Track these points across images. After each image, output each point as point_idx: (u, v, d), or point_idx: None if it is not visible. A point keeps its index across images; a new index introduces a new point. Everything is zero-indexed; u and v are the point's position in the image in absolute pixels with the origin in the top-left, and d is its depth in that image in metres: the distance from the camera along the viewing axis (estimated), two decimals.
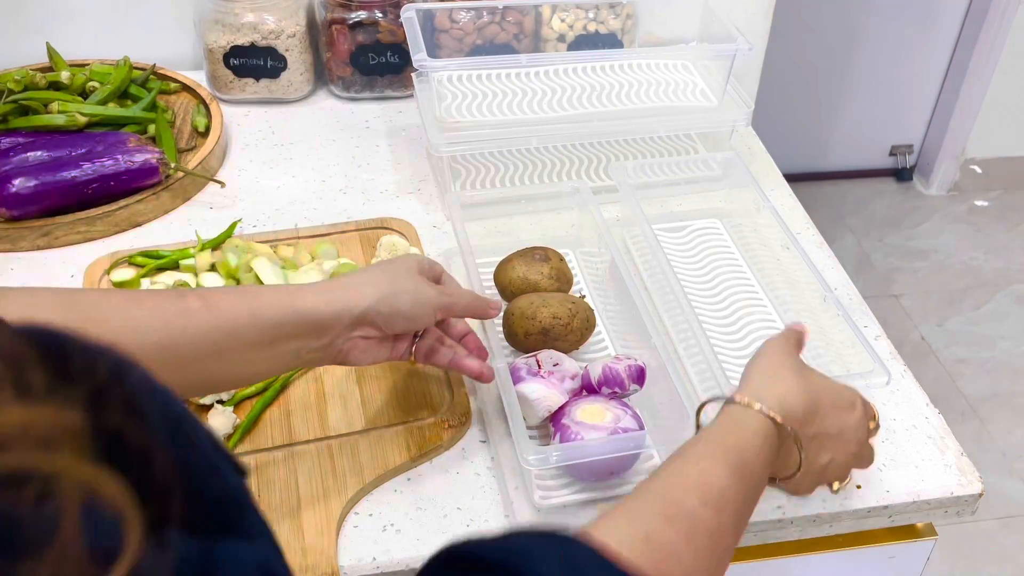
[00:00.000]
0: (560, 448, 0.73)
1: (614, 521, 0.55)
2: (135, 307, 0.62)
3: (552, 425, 0.78)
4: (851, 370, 0.84)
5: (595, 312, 0.89)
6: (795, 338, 0.74)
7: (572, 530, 0.49)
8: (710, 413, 0.69)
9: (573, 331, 0.85)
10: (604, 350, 0.91)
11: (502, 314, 0.86)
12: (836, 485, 0.76)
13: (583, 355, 0.89)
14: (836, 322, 0.88)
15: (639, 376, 0.80)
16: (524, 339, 0.84)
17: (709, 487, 0.58)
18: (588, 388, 0.80)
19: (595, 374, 0.79)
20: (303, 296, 0.68)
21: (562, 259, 0.92)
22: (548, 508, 0.76)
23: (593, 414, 0.76)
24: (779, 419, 0.64)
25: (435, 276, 0.77)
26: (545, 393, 0.78)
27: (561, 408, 0.78)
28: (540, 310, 0.84)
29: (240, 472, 0.39)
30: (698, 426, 0.72)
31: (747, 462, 0.61)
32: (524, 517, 0.76)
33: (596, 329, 0.89)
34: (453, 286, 0.78)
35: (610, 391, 0.79)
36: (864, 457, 0.75)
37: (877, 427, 0.74)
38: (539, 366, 0.80)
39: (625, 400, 0.80)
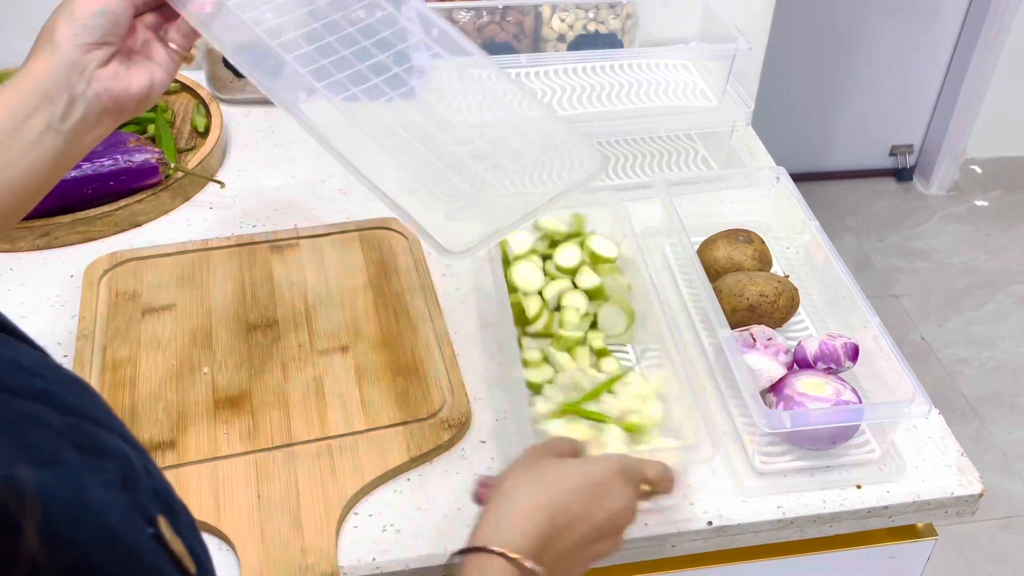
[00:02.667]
0: (792, 414, 0.76)
1: None
2: None
3: (773, 395, 0.82)
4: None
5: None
6: (551, 448, 0.67)
7: None
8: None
9: (779, 308, 0.89)
10: (804, 330, 0.94)
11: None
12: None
13: (784, 333, 0.93)
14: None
15: (854, 354, 0.84)
16: (731, 315, 0.88)
17: None
18: (801, 363, 0.85)
19: (811, 350, 0.84)
20: (20, 77, 0.64)
21: (763, 241, 0.96)
22: (769, 472, 0.80)
23: (815, 387, 0.80)
24: (524, 562, 0.58)
25: None
26: (767, 364, 0.83)
27: (781, 380, 0.82)
28: (748, 287, 0.89)
29: (183, 573, 0.37)
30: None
31: None
32: None
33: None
34: None
35: (825, 366, 0.83)
36: (655, 491, 0.67)
37: (656, 487, 0.67)
38: (754, 340, 0.85)
39: (841, 376, 0.83)
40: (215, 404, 0.83)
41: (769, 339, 0.85)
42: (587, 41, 1.23)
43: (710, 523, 0.77)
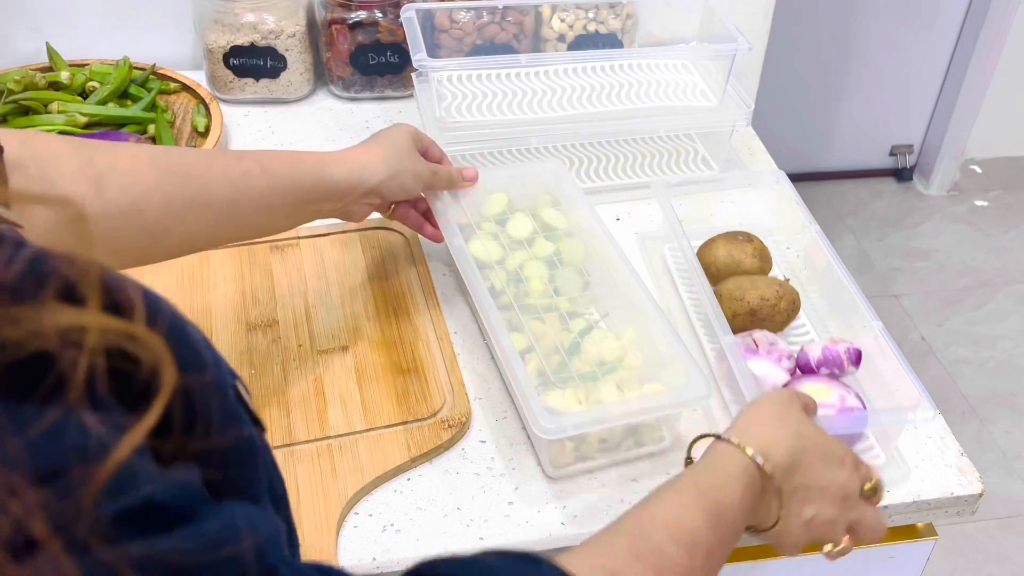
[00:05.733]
0: None
1: (583, 552, 0.54)
2: (210, 166, 0.73)
3: None
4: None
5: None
6: (800, 399, 0.70)
7: (540, 555, 0.49)
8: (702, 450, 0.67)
9: (780, 312, 0.88)
10: (806, 334, 0.94)
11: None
12: (828, 547, 0.69)
13: (785, 338, 0.92)
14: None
15: (857, 358, 0.84)
16: (732, 319, 0.87)
17: (681, 528, 0.57)
18: (804, 368, 0.84)
19: (814, 355, 0.83)
20: (331, 167, 0.80)
21: (762, 242, 0.96)
22: None
23: (818, 392, 0.79)
24: (762, 464, 0.62)
25: (424, 148, 0.89)
26: (771, 371, 0.82)
27: (784, 386, 0.81)
28: (749, 291, 0.88)
29: (258, 425, 0.41)
30: (689, 459, 0.69)
31: (723, 506, 0.60)
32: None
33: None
34: (437, 152, 0.91)
35: (828, 372, 0.83)
36: (865, 524, 0.69)
37: (875, 492, 0.69)
38: (756, 345, 0.84)
39: (844, 381, 0.82)
40: None
41: (772, 344, 0.85)
42: (587, 41, 1.23)
43: None
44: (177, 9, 1.27)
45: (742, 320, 0.88)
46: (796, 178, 1.04)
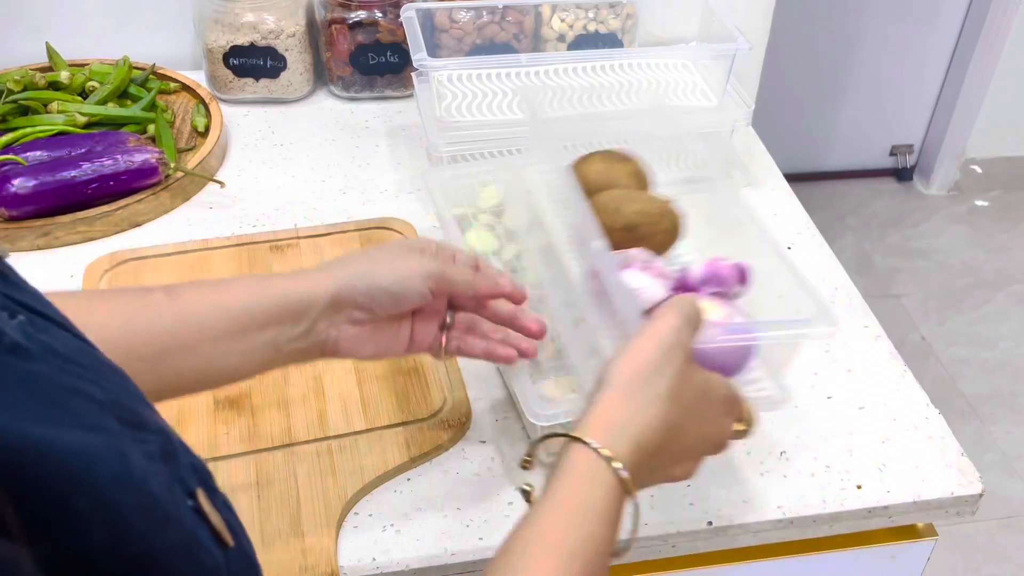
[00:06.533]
0: None
1: None
2: (95, 308, 0.60)
3: None
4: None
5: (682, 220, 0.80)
6: (687, 316, 0.59)
7: None
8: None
9: (660, 232, 0.78)
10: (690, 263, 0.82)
11: None
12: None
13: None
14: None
15: (742, 277, 0.74)
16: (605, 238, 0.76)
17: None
18: (684, 289, 0.74)
19: (696, 273, 0.74)
20: (272, 282, 0.64)
21: (640, 164, 0.86)
22: None
23: (704, 310, 0.67)
24: (626, 477, 0.54)
25: (433, 251, 0.69)
26: (648, 283, 0.72)
27: (663, 302, 0.69)
28: (626, 204, 0.78)
29: (221, 545, 0.38)
30: (530, 461, 0.60)
31: (589, 552, 0.52)
32: None
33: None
34: (451, 252, 0.70)
35: (712, 291, 0.73)
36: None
37: (746, 429, 0.63)
38: (632, 261, 0.75)
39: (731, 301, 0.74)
40: (215, 404, 0.83)
41: (648, 261, 0.75)
42: (587, 41, 1.23)
43: (710, 523, 0.77)
44: (177, 9, 1.27)
45: (618, 238, 0.76)
46: (796, 178, 1.03)
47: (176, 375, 0.62)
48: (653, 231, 0.78)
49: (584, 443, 0.54)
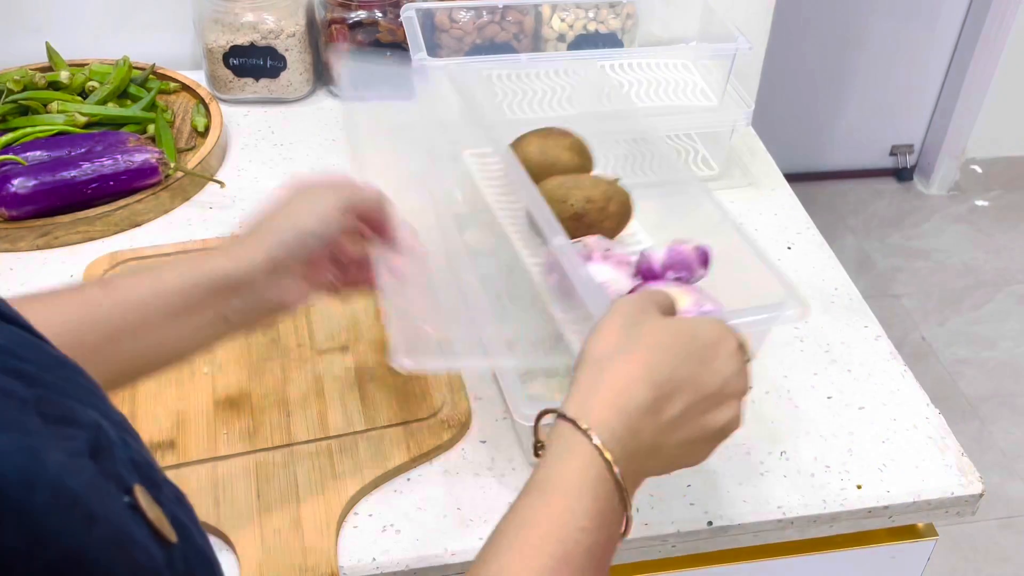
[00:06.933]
0: None
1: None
2: (36, 308, 0.58)
3: None
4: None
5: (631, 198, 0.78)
6: (655, 299, 0.60)
7: None
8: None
9: (609, 216, 0.76)
10: (640, 244, 0.83)
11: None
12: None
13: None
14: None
15: (704, 259, 0.73)
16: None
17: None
18: (647, 274, 0.73)
19: (658, 257, 0.72)
20: (207, 261, 0.66)
21: (579, 137, 0.83)
22: None
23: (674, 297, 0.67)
24: (609, 457, 0.52)
25: (338, 183, 0.72)
26: (613, 275, 0.71)
27: (630, 293, 0.71)
28: (572, 192, 0.76)
29: (162, 542, 0.37)
30: (537, 440, 0.58)
31: (573, 548, 0.50)
32: None
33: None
34: (348, 178, 0.72)
35: (676, 276, 0.72)
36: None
37: (748, 360, 0.60)
38: (591, 252, 0.73)
39: (695, 285, 0.73)
40: (215, 404, 0.83)
41: (607, 250, 0.73)
42: (587, 41, 1.23)
43: (710, 523, 0.77)
44: (177, 9, 1.27)
45: (568, 226, 0.75)
46: (796, 178, 1.03)
47: (131, 359, 0.63)
48: (601, 217, 0.76)
49: (562, 416, 0.54)
